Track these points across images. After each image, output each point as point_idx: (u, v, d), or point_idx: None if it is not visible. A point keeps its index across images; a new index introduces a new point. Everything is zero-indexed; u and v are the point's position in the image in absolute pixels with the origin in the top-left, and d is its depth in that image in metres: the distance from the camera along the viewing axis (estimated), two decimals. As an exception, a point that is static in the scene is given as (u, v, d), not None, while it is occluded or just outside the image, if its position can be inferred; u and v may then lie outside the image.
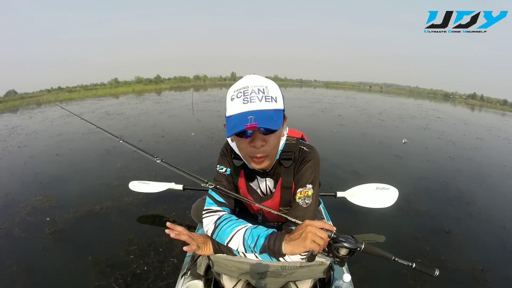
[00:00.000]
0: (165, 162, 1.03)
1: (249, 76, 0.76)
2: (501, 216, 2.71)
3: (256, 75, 0.76)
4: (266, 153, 0.76)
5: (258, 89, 0.71)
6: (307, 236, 0.68)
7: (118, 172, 3.40)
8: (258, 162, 0.78)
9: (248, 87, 0.72)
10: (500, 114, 17.68)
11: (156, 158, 1.08)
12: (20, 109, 10.80)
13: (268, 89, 0.73)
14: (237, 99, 0.72)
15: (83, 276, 1.74)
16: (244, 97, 0.71)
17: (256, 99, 0.70)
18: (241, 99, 0.71)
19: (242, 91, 0.72)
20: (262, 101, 0.70)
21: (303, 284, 0.91)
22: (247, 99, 0.70)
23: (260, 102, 0.70)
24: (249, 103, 0.70)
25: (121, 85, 25.19)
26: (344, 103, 13.10)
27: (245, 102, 0.70)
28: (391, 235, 2.26)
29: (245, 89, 0.72)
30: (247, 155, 0.78)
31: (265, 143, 0.74)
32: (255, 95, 0.70)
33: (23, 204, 2.62)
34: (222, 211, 0.86)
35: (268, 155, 0.78)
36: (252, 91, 0.71)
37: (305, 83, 51.83)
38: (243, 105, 0.70)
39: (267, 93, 0.72)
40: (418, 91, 44.60)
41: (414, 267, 0.68)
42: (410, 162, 4.25)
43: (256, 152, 0.75)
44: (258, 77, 0.75)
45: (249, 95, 0.71)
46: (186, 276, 1.01)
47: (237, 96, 0.72)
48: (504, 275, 1.90)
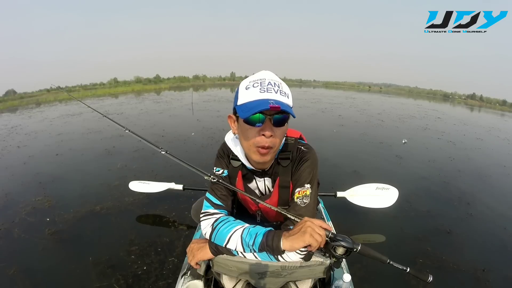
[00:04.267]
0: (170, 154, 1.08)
1: (265, 71, 0.79)
2: (502, 216, 2.72)
3: (271, 72, 0.79)
4: (272, 144, 0.76)
5: (274, 83, 0.75)
6: (306, 230, 0.69)
7: (118, 172, 3.39)
8: (263, 153, 0.77)
9: (265, 79, 0.75)
10: (500, 114, 17.69)
11: (161, 149, 1.12)
12: (20, 109, 10.79)
13: (282, 85, 0.77)
14: (253, 88, 0.74)
15: (84, 277, 1.73)
16: (261, 87, 0.73)
17: (273, 91, 0.73)
18: (258, 88, 0.73)
19: (259, 82, 0.75)
20: (278, 94, 0.74)
21: (303, 284, 0.91)
22: (264, 89, 0.73)
23: (276, 94, 0.73)
24: (266, 93, 0.73)
25: (120, 85, 25.18)
26: (344, 103, 13.11)
27: (261, 91, 0.73)
28: (392, 235, 2.26)
29: (262, 81, 0.75)
30: (253, 145, 0.77)
31: (273, 134, 0.75)
32: (271, 87, 0.74)
33: (23, 205, 2.61)
34: (220, 213, 0.86)
35: (273, 149, 0.78)
36: (269, 83, 0.74)
37: (304, 83, 51.85)
38: (260, 93, 0.73)
39: (281, 88, 0.75)
40: (418, 91, 44.64)
41: (409, 272, 0.70)
42: (411, 163, 4.26)
43: (264, 142, 0.75)
44: (273, 74, 0.78)
45: (266, 86, 0.74)
46: (186, 276, 1.01)
47: (253, 86, 0.74)
48: (505, 275, 1.90)
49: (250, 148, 0.79)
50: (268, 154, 0.78)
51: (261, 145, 0.76)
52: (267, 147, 0.76)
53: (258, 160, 0.81)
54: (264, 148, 0.76)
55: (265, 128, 0.74)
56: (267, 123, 0.74)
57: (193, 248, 0.86)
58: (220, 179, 0.92)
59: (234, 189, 0.88)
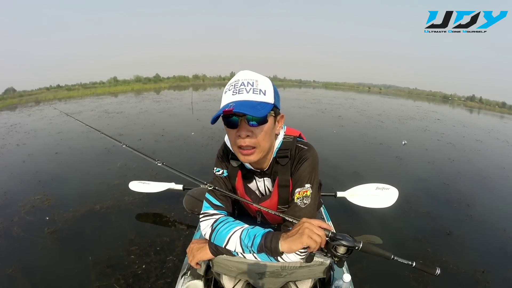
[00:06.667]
0: (166, 165, 1.02)
1: (242, 72, 0.79)
2: (501, 218, 2.72)
3: (249, 71, 0.79)
4: (252, 144, 0.75)
5: (248, 82, 0.75)
6: (304, 232, 0.68)
7: (118, 171, 3.39)
8: (245, 154, 0.77)
9: (238, 81, 0.75)
10: (499, 116, 17.72)
11: (157, 161, 1.07)
12: (19, 107, 10.77)
13: (258, 82, 0.75)
14: (228, 92, 0.75)
15: (84, 276, 1.73)
16: (234, 89, 0.74)
17: (244, 91, 0.73)
18: (231, 91, 0.75)
19: (233, 84, 0.76)
20: (250, 93, 0.73)
21: (303, 284, 0.91)
22: (236, 91, 0.74)
23: (247, 94, 0.73)
24: (237, 94, 0.73)
25: (120, 84, 25.15)
26: (344, 104, 13.12)
27: (234, 93, 0.74)
28: (392, 236, 2.26)
29: (236, 82, 0.75)
30: (235, 146, 0.78)
31: (251, 134, 0.74)
32: (243, 88, 0.74)
33: (22, 203, 2.60)
34: (219, 214, 0.86)
35: (256, 148, 0.77)
36: (242, 84, 0.74)
37: (304, 83, 51.87)
38: (231, 97, 0.74)
39: (256, 86, 0.75)
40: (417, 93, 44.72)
41: (415, 266, 0.67)
42: (410, 164, 4.26)
43: (242, 142, 0.75)
44: (250, 72, 0.78)
45: (238, 87, 0.74)
46: (186, 276, 1.00)
47: (228, 89, 0.76)
48: (504, 277, 1.90)
49: (234, 150, 0.80)
50: (251, 154, 0.77)
51: (239, 145, 0.76)
52: (245, 146, 0.75)
53: (243, 161, 0.81)
54: (244, 149, 0.76)
55: (240, 129, 0.74)
56: (242, 124, 0.74)
57: (193, 249, 0.86)
58: (220, 179, 0.92)
59: (231, 195, 0.88)
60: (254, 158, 0.78)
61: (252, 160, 0.79)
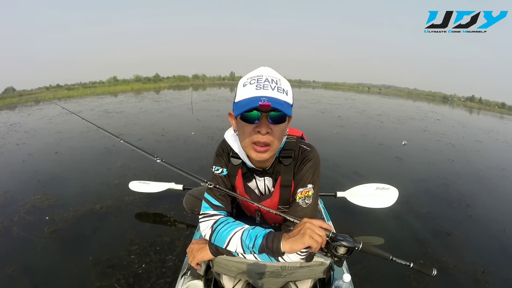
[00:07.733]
0: (165, 162, 1.02)
1: (263, 68, 0.77)
2: (501, 218, 2.73)
3: (270, 68, 0.78)
4: (269, 141, 0.74)
5: (272, 79, 0.73)
6: (305, 232, 0.68)
7: (118, 171, 3.38)
8: (260, 151, 0.76)
9: (262, 76, 0.74)
10: (499, 117, 17.74)
11: (156, 157, 1.07)
12: (19, 106, 10.74)
13: (281, 81, 0.75)
14: (250, 85, 0.73)
15: (84, 276, 1.73)
16: (257, 83, 0.72)
17: (269, 87, 0.72)
18: (254, 85, 0.72)
19: (256, 78, 0.74)
20: (275, 91, 0.72)
21: (303, 284, 0.91)
22: (260, 85, 0.72)
23: (272, 91, 0.72)
24: (262, 89, 0.71)
25: (120, 84, 25.18)
26: (343, 104, 13.13)
27: (258, 88, 0.72)
28: (392, 236, 2.26)
29: (259, 77, 0.73)
30: (250, 142, 0.76)
31: (270, 131, 0.74)
32: (268, 84, 0.72)
33: (22, 203, 2.60)
34: (219, 214, 0.86)
35: (270, 146, 0.76)
36: (266, 80, 0.73)
37: (304, 83, 51.90)
38: (255, 90, 0.72)
39: (279, 84, 0.73)
40: (417, 93, 44.79)
41: (412, 267, 0.68)
42: (410, 164, 4.27)
43: (260, 138, 0.74)
44: (271, 70, 0.77)
45: (262, 82, 0.72)
46: (186, 276, 1.00)
47: (249, 83, 0.74)
48: (504, 277, 1.91)
49: (247, 145, 0.78)
50: (265, 152, 0.76)
51: (256, 142, 0.75)
52: (262, 143, 0.74)
53: (255, 158, 0.79)
54: (260, 145, 0.75)
55: (261, 125, 0.72)
56: (263, 120, 0.72)
57: (193, 249, 0.86)
58: (219, 178, 0.91)
59: (231, 194, 0.87)
60: (267, 156, 0.78)
61: (264, 158, 0.78)
